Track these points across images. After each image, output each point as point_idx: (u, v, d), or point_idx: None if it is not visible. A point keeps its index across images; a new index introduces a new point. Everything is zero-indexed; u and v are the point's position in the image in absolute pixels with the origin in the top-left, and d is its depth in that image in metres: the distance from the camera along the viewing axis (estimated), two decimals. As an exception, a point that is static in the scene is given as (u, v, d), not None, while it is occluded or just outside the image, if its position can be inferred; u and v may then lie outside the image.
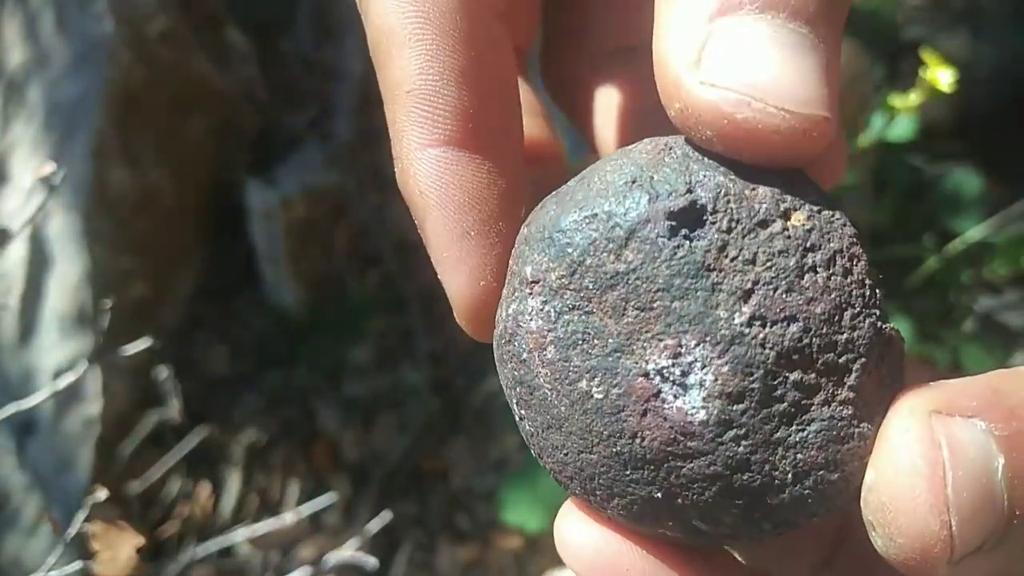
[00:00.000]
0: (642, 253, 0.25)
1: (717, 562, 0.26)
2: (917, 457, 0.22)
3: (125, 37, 1.29)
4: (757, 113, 0.23)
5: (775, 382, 0.24)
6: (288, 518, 1.15)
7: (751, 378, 0.24)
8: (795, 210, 0.25)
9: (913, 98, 1.00)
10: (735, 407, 0.24)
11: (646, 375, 0.24)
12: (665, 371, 0.24)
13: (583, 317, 0.25)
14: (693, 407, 0.24)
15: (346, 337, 1.42)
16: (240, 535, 1.16)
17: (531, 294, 0.26)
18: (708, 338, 0.24)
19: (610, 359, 0.25)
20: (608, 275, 0.25)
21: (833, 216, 0.25)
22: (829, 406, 0.24)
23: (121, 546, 0.62)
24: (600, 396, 0.25)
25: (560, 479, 0.27)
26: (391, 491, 1.31)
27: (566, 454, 0.26)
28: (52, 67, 1.30)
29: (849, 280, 0.25)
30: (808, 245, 0.25)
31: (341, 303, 1.44)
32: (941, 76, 0.94)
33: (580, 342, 0.25)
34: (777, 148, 0.23)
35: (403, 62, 0.26)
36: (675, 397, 0.24)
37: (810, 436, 0.24)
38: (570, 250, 0.25)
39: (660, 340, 0.24)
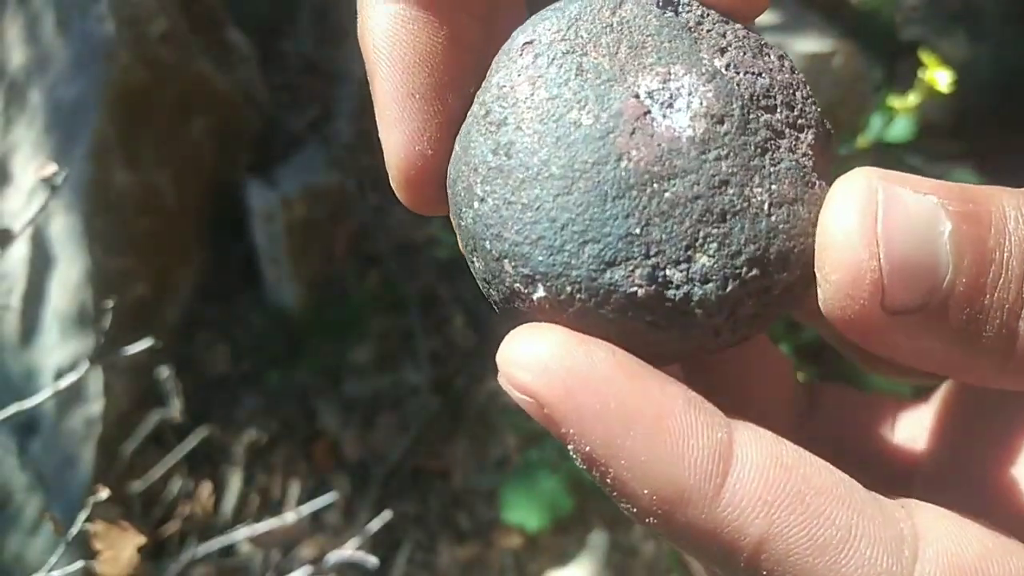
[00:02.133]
0: (636, 9, 0.27)
1: (688, 392, 0.23)
2: (855, 198, 0.23)
3: (126, 38, 1.29)
4: None
5: (751, 115, 0.26)
6: (289, 517, 1.15)
7: (731, 106, 0.26)
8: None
9: (911, 98, 1.00)
10: (719, 127, 0.26)
11: (636, 96, 0.26)
12: (655, 93, 0.26)
13: (577, 59, 0.26)
14: (682, 125, 0.25)
15: (347, 337, 1.42)
16: (241, 534, 1.16)
17: (521, 55, 0.27)
18: (694, 70, 0.26)
19: (602, 87, 0.26)
20: (603, 25, 0.27)
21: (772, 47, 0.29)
22: (793, 152, 0.26)
23: (123, 545, 0.62)
24: (590, 122, 0.26)
25: (518, 255, 0.25)
26: (392, 490, 1.32)
27: (538, 208, 0.25)
28: (53, 68, 1.31)
29: (797, 76, 0.28)
30: (764, 41, 0.28)
31: (341, 303, 1.44)
32: (939, 77, 0.94)
33: (573, 78, 0.26)
34: None
35: None
36: (664, 116, 0.25)
37: (782, 171, 0.26)
38: (571, 8, 0.27)
39: (652, 69, 0.26)
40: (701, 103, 0.26)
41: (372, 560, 0.89)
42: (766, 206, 0.25)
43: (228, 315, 1.44)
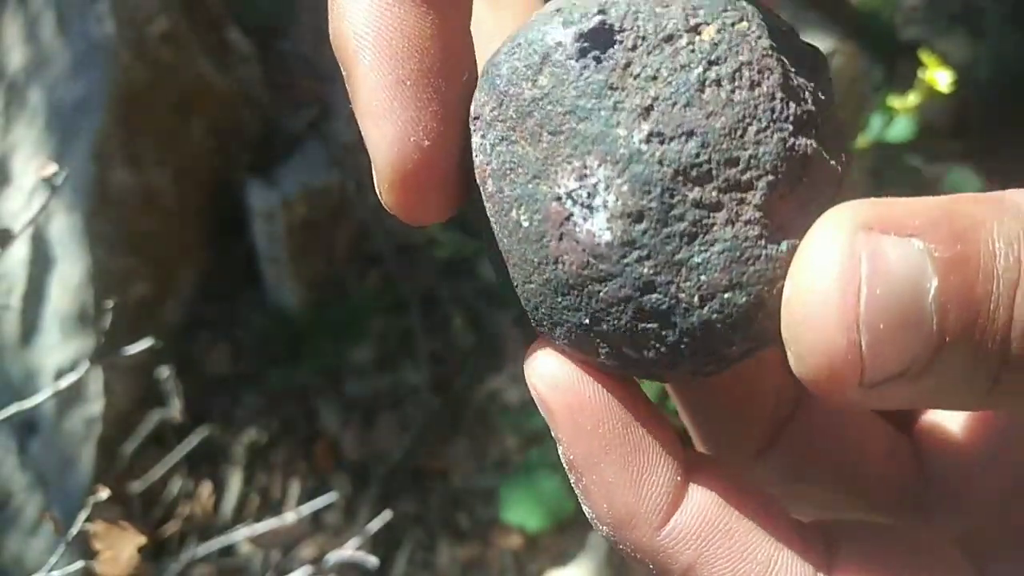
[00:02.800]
0: (554, 77, 0.25)
1: (664, 435, 0.26)
2: (831, 267, 0.21)
3: (126, 38, 1.30)
4: None
5: (674, 200, 0.23)
6: (289, 517, 1.15)
7: (649, 196, 0.23)
8: (706, 24, 0.24)
9: (912, 99, 1.00)
10: (635, 227, 0.24)
11: (558, 199, 0.24)
12: (574, 194, 0.24)
13: (509, 147, 0.25)
14: (600, 228, 0.24)
15: (347, 337, 1.42)
16: (241, 534, 1.16)
17: (475, 130, 0.26)
18: (608, 158, 0.24)
19: (530, 186, 0.25)
20: (526, 102, 0.25)
21: (749, 29, 0.25)
22: (733, 226, 0.24)
23: (123, 545, 0.62)
24: (527, 224, 0.25)
25: (525, 309, 0.27)
26: (392, 490, 1.32)
27: (516, 285, 0.26)
28: (54, 68, 1.31)
29: (756, 93, 0.24)
30: (712, 58, 0.24)
31: (342, 303, 1.45)
32: (939, 77, 0.94)
33: (508, 172, 0.25)
34: None
35: None
36: (584, 219, 0.24)
37: (712, 257, 0.23)
38: (498, 81, 0.25)
39: (568, 163, 0.24)
40: (616, 200, 0.24)
41: (372, 560, 0.89)
42: (695, 300, 0.24)
43: (228, 315, 1.44)
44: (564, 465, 0.26)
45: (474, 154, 0.26)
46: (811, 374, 0.21)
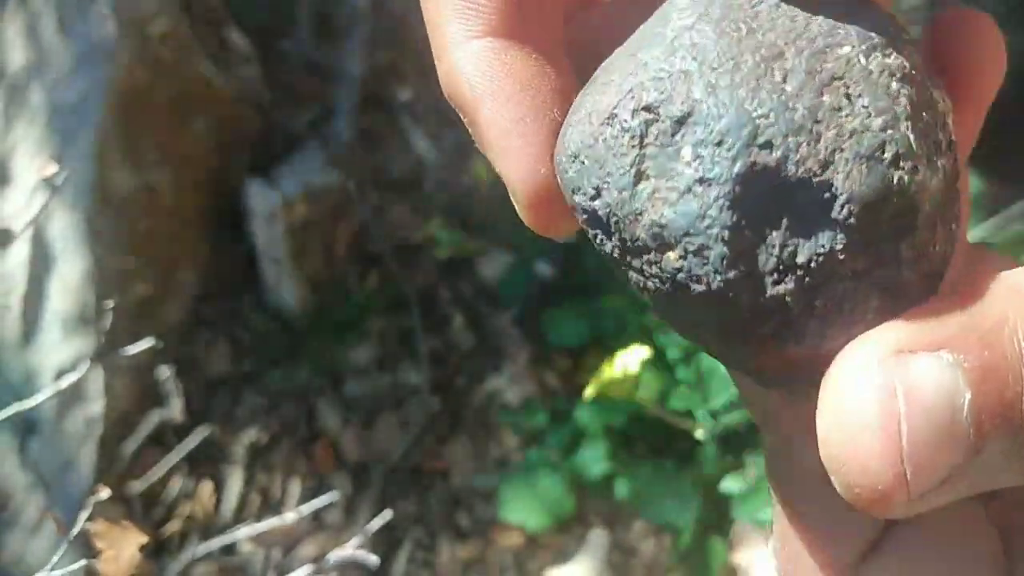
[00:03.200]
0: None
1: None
2: (869, 404, 0.21)
3: (127, 38, 1.30)
4: None
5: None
6: (290, 516, 1.15)
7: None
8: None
9: (911, 98, 1.00)
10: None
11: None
12: None
13: None
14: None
15: (347, 337, 1.42)
16: (242, 533, 1.17)
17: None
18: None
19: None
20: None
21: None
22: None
23: (124, 545, 0.62)
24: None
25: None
26: (392, 490, 1.32)
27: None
28: (54, 68, 1.31)
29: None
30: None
31: (342, 303, 1.45)
32: (938, 77, 0.94)
33: None
34: None
35: None
36: None
37: None
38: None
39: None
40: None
41: (373, 559, 0.90)
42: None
43: (229, 315, 1.44)
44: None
45: None
46: (860, 502, 0.22)
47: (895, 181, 0.22)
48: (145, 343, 0.75)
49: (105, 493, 0.63)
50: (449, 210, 1.50)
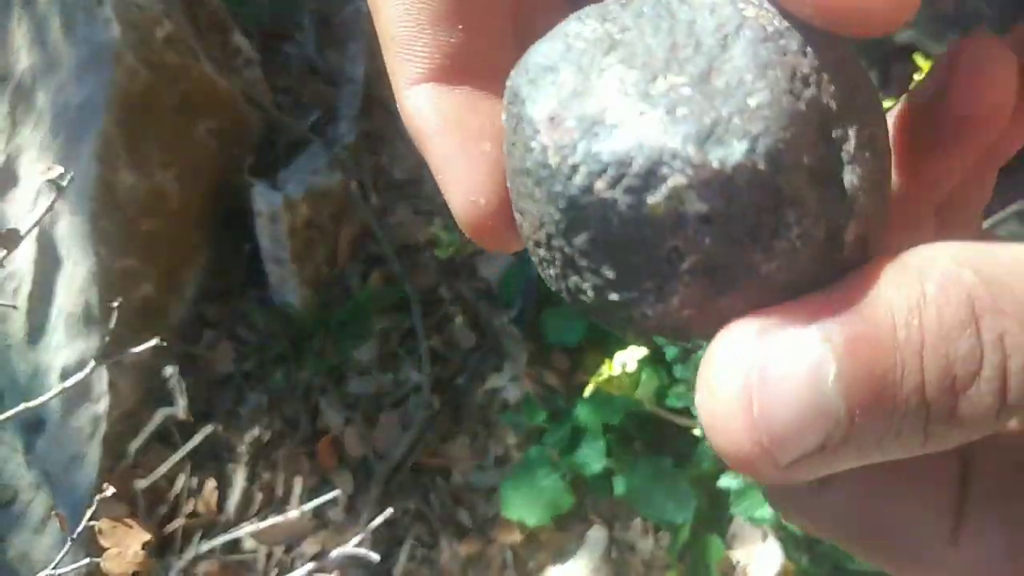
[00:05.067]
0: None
1: None
2: (729, 382, 0.22)
3: (131, 41, 1.30)
4: None
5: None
6: (292, 514, 1.16)
7: None
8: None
9: (905, 100, 1.00)
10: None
11: None
12: None
13: None
14: None
15: (349, 336, 1.43)
16: (245, 530, 1.17)
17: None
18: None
19: None
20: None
21: None
22: None
23: (129, 542, 0.63)
24: None
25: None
26: (393, 487, 1.32)
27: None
28: (59, 71, 1.31)
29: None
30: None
31: (344, 303, 1.45)
32: (932, 79, 0.95)
33: None
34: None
35: (387, 12, 0.29)
36: None
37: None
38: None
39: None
40: None
41: (374, 556, 0.90)
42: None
43: (233, 315, 1.45)
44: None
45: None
46: (736, 467, 0.23)
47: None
48: (150, 342, 0.76)
49: (110, 491, 0.64)
50: (450, 211, 1.50)
